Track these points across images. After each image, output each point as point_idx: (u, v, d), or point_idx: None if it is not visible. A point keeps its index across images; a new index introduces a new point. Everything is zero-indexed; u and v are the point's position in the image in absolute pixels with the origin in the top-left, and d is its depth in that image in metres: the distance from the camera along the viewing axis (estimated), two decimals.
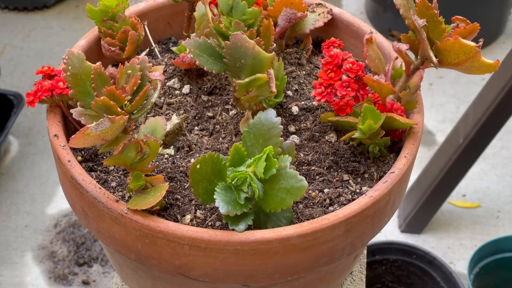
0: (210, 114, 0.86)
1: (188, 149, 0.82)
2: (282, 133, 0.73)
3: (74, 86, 0.72)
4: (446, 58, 0.74)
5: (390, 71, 0.80)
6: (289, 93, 0.88)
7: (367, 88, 0.81)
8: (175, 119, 0.83)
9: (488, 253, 1.38)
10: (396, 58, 0.83)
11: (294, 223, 0.73)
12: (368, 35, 0.81)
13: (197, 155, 0.81)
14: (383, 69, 0.81)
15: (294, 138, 0.83)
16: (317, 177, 0.80)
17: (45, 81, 0.80)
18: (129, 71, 0.69)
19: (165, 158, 0.81)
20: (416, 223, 1.57)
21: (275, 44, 0.91)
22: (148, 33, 0.93)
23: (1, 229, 1.57)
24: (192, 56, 0.77)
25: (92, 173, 0.79)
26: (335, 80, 0.80)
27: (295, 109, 0.86)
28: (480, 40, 0.82)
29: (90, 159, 0.81)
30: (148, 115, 0.85)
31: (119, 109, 0.67)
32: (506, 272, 1.40)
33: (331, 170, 0.81)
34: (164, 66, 0.90)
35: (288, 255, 0.71)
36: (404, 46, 0.75)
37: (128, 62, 0.70)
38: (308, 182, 0.79)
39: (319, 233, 0.71)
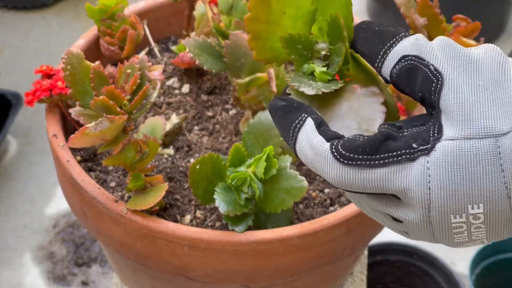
0: (210, 113, 0.85)
1: (187, 149, 0.82)
2: None
3: (73, 85, 0.72)
4: None
5: None
6: None
7: None
8: (174, 119, 0.83)
9: (489, 254, 1.38)
10: None
11: (295, 224, 0.72)
12: None
13: (197, 155, 0.81)
14: None
15: None
16: (318, 177, 0.80)
17: (44, 80, 0.80)
18: (129, 71, 0.69)
19: (165, 158, 0.80)
20: None
21: None
22: (147, 32, 0.93)
23: None
24: (191, 55, 0.76)
25: (91, 173, 0.78)
26: None
27: None
28: (481, 39, 0.81)
29: (89, 159, 0.80)
30: (148, 115, 0.85)
31: (118, 108, 0.66)
32: (507, 273, 1.40)
33: None
34: (163, 65, 0.90)
35: (288, 256, 0.71)
36: None
37: (128, 62, 0.70)
38: (309, 182, 0.78)
39: (320, 233, 0.71)
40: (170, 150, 0.81)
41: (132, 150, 0.70)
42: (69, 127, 0.83)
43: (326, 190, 0.78)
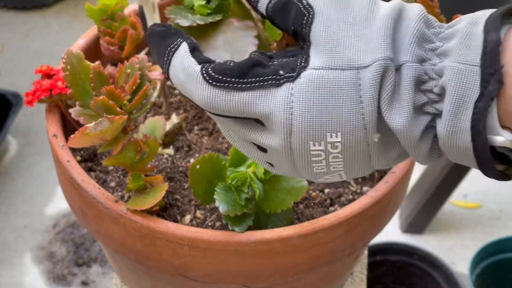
0: None
1: (187, 149, 0.82)
2: None
3: (73, 85, 0.72)
4: None
5: None
6: None
7: None
8: (174, 119, 0.83)
9: (489, 254, 1.38)
10: None
11: (295, 224, 0.72)
12: None
13: (197, 155, 0.81)
14: None
15: None
16: None
17: (44, 80, 0.80)
18: (128, 71, 0.69)
19: (165, 158, 0.80)
20: (417, 223, 1.57)
21: (275, 43, 0.91)
22: None
23: None
24: None
25: (91, 173, 0.78)
26: None
27: None
28: None
29: (89, 159, 0.80)
30: (148, 115, 0.85)
31: (118, 108, 0.66)
32: (507, 273, 1.40)
33: None
34: None
35: (288, 256, 0.71)
36: None
37: (128, 62, 0.69)
38: (309, 182, 0.78)
39: (320, 233, 0.70)
40: (170, 150, 0.81)
41: (132, 150, 0.70)
42: (69, 127, 0.82)
43: (326, 190, 0.78)
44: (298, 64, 0.46)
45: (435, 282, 1.35)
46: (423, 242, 1.56)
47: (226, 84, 0.47)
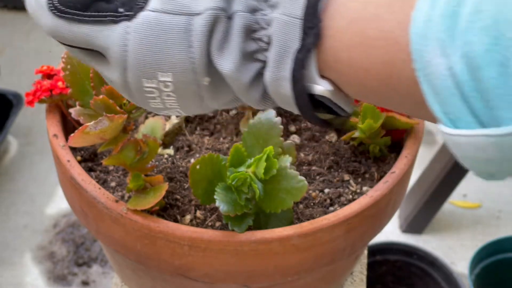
0: (211, 114, 0.85)
1: (188, 149, 0.82)
2: (282, 133, 0.72)
3: (73, 85, 0.72)
4: None
5: None
6: None
7: None
8: (174, 119, 0.83)
9: (489, 254, 1.38)
10: None
11: (295, 224, 0.72)
12: None
13: (197, 155, 0.81)
14: None
15: (295, 138, 0.83)
16: (318, 177, 0.80)
17: (45, 80, 0.80)
18: None
19: (165, 158, 0.80)
20: (417, 223, 1.57)
21: None
22: None
23: (0, 229, 1.57)
24: None
25: (92, 173, 0.78)
26: None
27: None
28: None
29: (90, 159, 0.80)
30: (148, 115, 0.85)
31: (118, 107, 0.66)
32: (507, 273, 1.40)
33: (332, 170, 0.81)
34: None
35: (288, 256, 0.71)
36: None
37: None
38: (309, 182, 0.78)
39: (319, 233, 0.70)
40: (170, 150, 0.81)
41: (132, 150, 0.70)
42: (70, 127, 0.83)
43: (326, 190, 0.78)
44: (137, 4, 0.49)
45: (435, 282, 1.35)
46: (423, 242, 1.56)
47: (68, 16, 0.50)
